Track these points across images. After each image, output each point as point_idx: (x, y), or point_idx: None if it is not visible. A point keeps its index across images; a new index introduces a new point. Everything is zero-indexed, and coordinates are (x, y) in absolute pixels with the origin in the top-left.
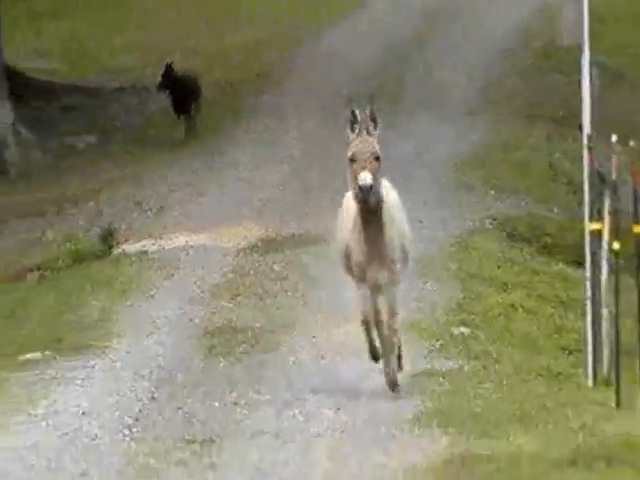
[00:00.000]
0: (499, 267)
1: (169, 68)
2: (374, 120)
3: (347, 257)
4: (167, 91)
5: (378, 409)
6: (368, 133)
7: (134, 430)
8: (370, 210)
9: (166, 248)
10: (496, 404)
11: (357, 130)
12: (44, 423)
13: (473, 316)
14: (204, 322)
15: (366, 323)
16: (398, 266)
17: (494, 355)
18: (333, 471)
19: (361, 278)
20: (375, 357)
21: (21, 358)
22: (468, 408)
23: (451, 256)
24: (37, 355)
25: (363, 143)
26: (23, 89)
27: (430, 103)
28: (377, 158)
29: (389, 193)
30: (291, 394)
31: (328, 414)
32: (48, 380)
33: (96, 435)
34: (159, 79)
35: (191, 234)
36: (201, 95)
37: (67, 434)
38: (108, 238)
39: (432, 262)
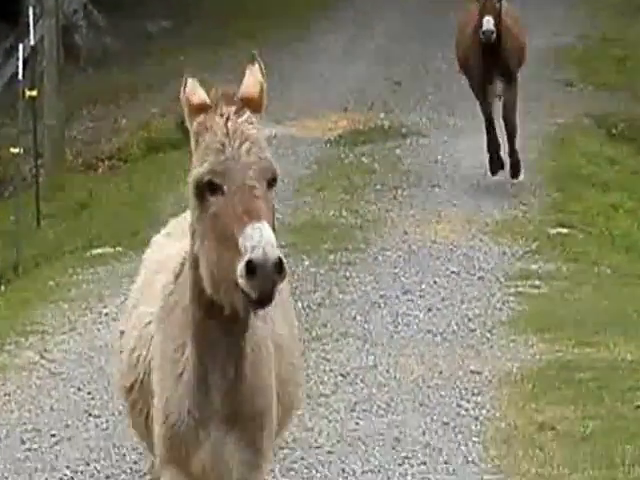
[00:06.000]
0: (598, 166)
1: None
2: None
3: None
4: None
5: (472, 312)
6: None
7: None
8: None
9: None
10: (595, 309)
11: None
12: (115, 322)
13: (571, 216)
14: (287, 218)
15: None
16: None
17: (593, 257)
18: (424, 377)
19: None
20: None
21: (92, 253)
22: (565, 313)
23: (548, 153)
24: (109, 250)
25: None
26: None
27: None
28: None
29: None
30: (380, 295)
31: (419, 316)
32: (119, 276)
33: None
34: None
35: (275, 125)
36: None
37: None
38: (184, 126)
39: (527, 159)
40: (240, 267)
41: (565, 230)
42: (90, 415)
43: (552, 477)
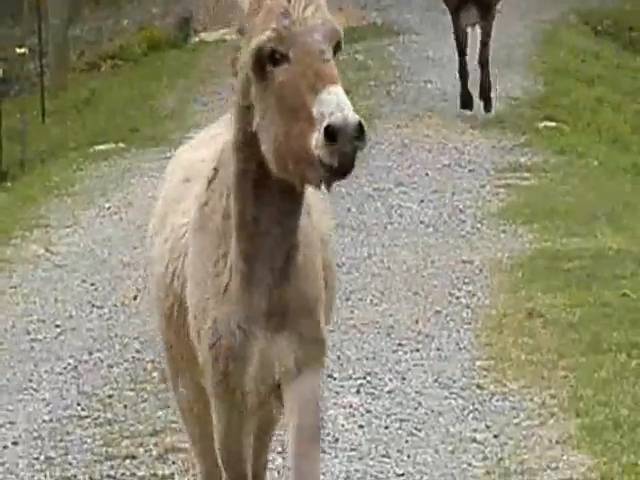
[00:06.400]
0: (584, 61)
1: None
2: None
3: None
4: None
5: (463, 203)
6: None
7: None
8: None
9: None
10: (582, 200)
11: None
12: (117, 216)
13: (558, 110)
14: None
15: None
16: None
17: (580, 149)
18: (416, 266)
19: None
20: None
21: (95, 149)
22: (554, 204)
23: (535, 50)
24: (111, 146)
25: None
26: None
27: None
28: None
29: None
30: (374, 187)
31: (412, 208)
32: (121, 172)
33: None
34: None
35: None
36: None
37: (140, 227)
38: (184, 26)
39: (515, 55)
40: (317, 136)
41: (553, 124)
42: (93, 306)
43: (541, 363)
